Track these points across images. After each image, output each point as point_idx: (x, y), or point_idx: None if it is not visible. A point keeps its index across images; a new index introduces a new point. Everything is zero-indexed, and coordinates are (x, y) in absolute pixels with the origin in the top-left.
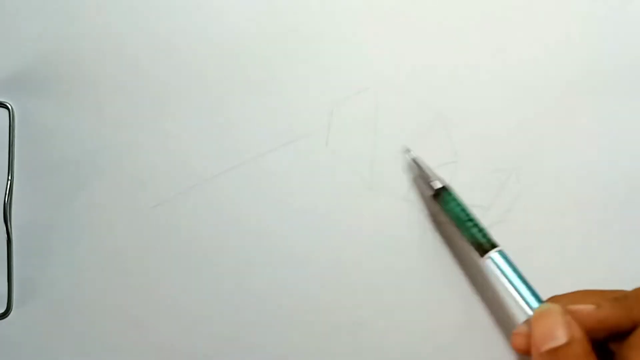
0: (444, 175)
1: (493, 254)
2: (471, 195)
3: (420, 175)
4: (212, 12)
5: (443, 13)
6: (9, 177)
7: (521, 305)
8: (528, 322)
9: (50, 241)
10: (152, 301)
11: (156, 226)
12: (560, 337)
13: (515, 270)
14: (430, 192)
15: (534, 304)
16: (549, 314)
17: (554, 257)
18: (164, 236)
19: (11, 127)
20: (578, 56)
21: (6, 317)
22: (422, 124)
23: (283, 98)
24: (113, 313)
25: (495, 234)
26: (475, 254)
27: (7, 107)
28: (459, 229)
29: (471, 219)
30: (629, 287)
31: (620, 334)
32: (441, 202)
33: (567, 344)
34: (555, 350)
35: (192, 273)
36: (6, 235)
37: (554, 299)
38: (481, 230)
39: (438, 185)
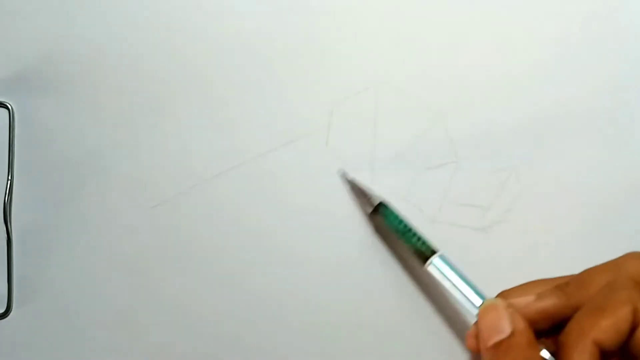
0: (443, 175)
1: (434, 259)
2: (471, 195)
3: (358, 195)
4: (212, 12)
5: (443, 13)
6: (9, 177)
7: (466, 306)
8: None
9: (50, 241)
10: (152, 301)
11: (156, 226)
12: (504, 329)
13: (457, 272)
14: (369, 210)
15: (479, 301)
16: (493, 309)
17: (554, 257)
18: (164, 236)
19: (11, 127)
20: (578, 56)
21: (6, 317)
22: (422, 124)
23: (283, 98)
24: (113, 313)
25: (495, 234)
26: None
27: (7, 107)
28: (401, 240)
29: (410, 229)
30: None
31: (564, 322)
32: (381, 217)
33: (510, 336)
34: (500, 344)
35: (192, 273)
36: (6, 235)
37: (502, 294)
38: (420, 238)
39: (376, 201)
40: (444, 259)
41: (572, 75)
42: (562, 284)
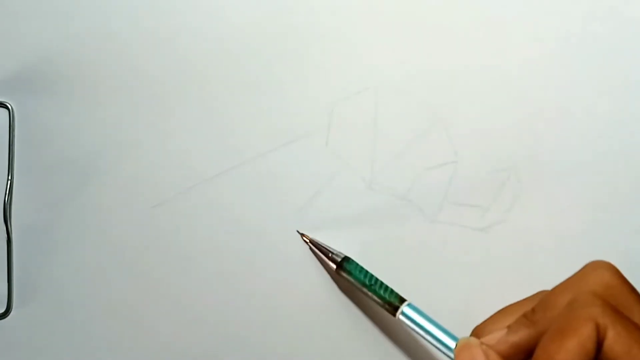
0: (443, 175)
1: (404, 308)
2: (471, 195)
3: (319, 253)
4: (212, 12)
5: (443, 13)
6: (9, 177)
7: (443, 351)
8: None
9: (50, 241)
10: (152, 301)
11: (156, 226)
12: None
13: (427, 317)
14: (333, 267)
15: (453, 344)
16: (467, 348)
17: (554, 257)
18: (164, 236)
19: (11, 127)
20: (578, 56)
21: (6, 317)
22: (422, 124)
23: (283, 98)
24: (113, 313)
25: (495, 234)
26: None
27: (7, 107)
28: (368, 293)
29: (377, 281)
30: None
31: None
32: (345, 273)
33: None
34: None
35: (192, 273)
36: (6, 235)
37: (475, 330)
38: (387, 289)
39: (339, 258)
40: (412, 307)
41: (572, 75)
42: (529, 312)
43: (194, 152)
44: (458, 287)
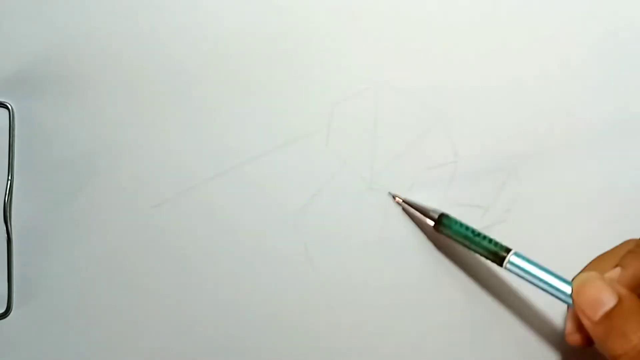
0: (443, 175)
1: (512, 257)
2: (471, 195)
3: (414, 212)
4: (212, 12)
5: (443, 13)
6: (9, 177)
7: (557, 295)
8: (571, 315)
9: (50, 241)
10: (151, 301)
11: (156, 226)
12: (609, 299)
13: (535, 264)
14: (431, 225)
15: (567, 286)
16: (589, 284)
17: (554, 257)
18: (164, 236)
19: (11, 127)
20: (578, 56)
21: (6, 317)
22: (422, 124)
23: (283, 98)
24: (113, 313)
25: (495, 234)
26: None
27: (7, 107)
28: (470, 247)
29: (479, 234)
30: None
31: None
32: (444, 228)
33: (618, 304)
34: (609, 314)
35: (191, 273)
36: (6, 235)
37: (583, 274)
38: (491, 240)
39: (436, 215)
40: (519, 255)
41: (572, 75)
42: (635, 248)
43: (194, 152)
44: (458, 287)
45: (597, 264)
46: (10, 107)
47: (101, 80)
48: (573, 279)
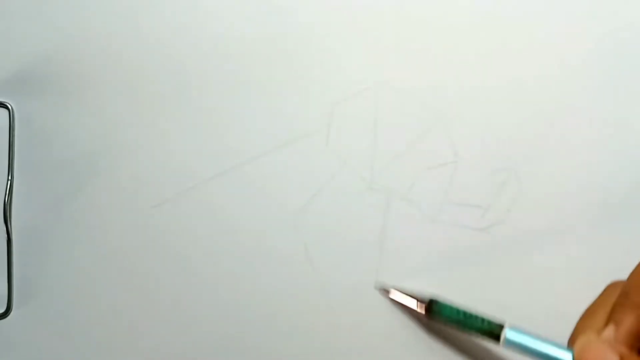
0: (443, 175)
1: (508, 332)
2: (471, 195)
3: (405, 302)
4: (212, 12)
5: (443, 13)
6: (9, 177)
7: None
8: None
9: (50, 241)
10: (151, 301)
11: (156, 226)
12: (611, 359)
13: (532, 336)
14: (422, 312)
15: (568, 354)
16: (590, 348)
17: (554, 257)
18: (164, 236)
19: (11, 127)
20: (578, 56)
21: (6, 317)
22: (422, 124)
23: (283, 98)
24: (113, 313)
25: (495, 234)
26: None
27: (7, 107)
28: (464, 329)
29: (471, 315)
30: None
31: None
32: (436, 314)
33: None
34: None
35: (191, 273)
36: (6, 235)
37: (572, 339)
38: (484, 320)
39: (427, 300)
40: (514, 329)
41: (572, 74)
42: (622, 299)
43: (194, 152)
44: (458, 287)
45: (589, 320)
46: (10, 107)
47: (101, 80)
48: (569, 341)
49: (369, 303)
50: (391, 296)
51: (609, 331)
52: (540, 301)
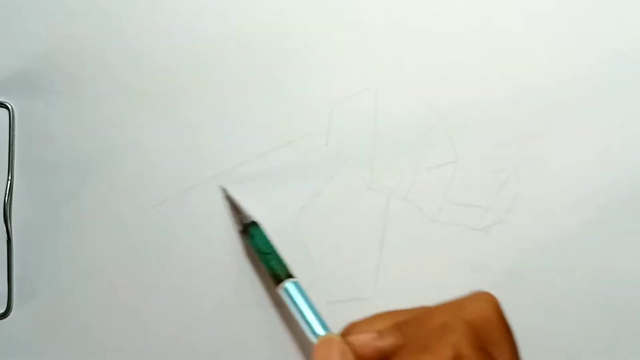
0: (443, 175)
1: (287, 283)
2: (471, 195)
3: (232, 210)
4: (212, 12)
5: (443, 13)
6: (9, 177)
7: (310, 337)
8: None
9: (50, 241)
10: (151, 301)
11: (156, 226)
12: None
13: (307, 301)
14: (240, 228)
15: (321, 332)
16: (328, 344)
17: (554, 257)
18: (163, 236)
19: (11, 127)
20: (578, 56)
21: (6, 317)
22: (422, 124)
23: (283, 98)
24: (113, 313)
25: (495, 234)
26: None
27: (7, 107)
28: (261, 260)
29: (273, 252)
30: (627, 287)
31: None
32: (248, 236)
33: None
34: None
35: (191, 273)
36: (6, 235)
37: (348, 328)
38: (280, 262)
39: (247, 220)
40: (297, 286)
41: (572, 74)
42: (402, 323)
43: (194, 152)
44: (458, 287)
45: (378, 319)
46: (10, 107)
47: (102, 80)
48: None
49: (369, 303)
50: (225, 198)
51: (365, 337)
52: (540, 301)
